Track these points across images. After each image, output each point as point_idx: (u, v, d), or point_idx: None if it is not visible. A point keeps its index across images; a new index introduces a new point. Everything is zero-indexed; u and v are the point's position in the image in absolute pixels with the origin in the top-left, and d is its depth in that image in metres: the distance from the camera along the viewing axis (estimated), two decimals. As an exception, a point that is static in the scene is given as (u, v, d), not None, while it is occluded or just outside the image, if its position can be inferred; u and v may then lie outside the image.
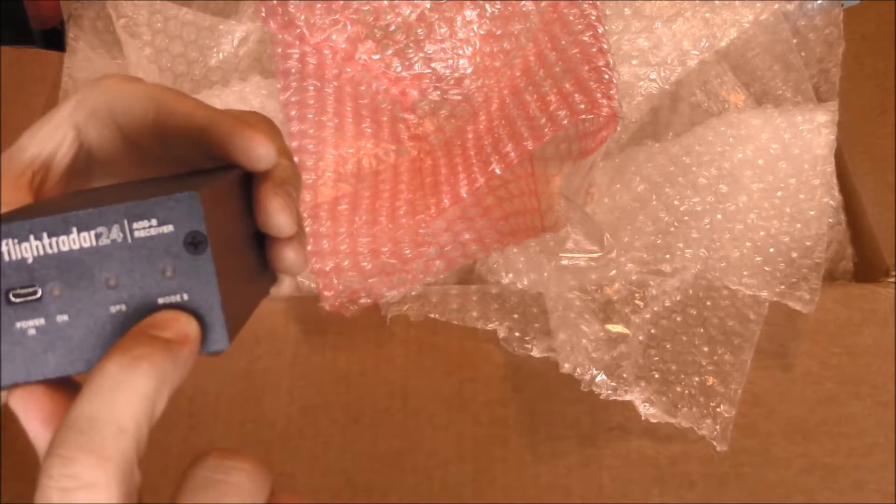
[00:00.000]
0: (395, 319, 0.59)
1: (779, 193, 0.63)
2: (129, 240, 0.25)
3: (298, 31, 0.64)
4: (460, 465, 0.55)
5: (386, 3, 0.64)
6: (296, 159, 0.61)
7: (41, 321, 0.25)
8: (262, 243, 0.33)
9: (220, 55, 0.70)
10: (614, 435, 0.55)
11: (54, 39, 0.79)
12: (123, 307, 0.26)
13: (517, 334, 0.58)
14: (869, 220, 0.65)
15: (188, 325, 0.25)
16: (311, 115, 0.64)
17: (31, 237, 0.25)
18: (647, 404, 0.54)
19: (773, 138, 0.64)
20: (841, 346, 0.59)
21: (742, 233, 0.61)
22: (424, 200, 0.61)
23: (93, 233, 0.25)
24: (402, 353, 0.58)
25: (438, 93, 0.67)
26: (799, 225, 0.62)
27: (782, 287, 0.59)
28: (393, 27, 0.65)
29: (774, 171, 0.63)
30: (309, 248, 0.60)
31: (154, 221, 0.25)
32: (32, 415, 0.27)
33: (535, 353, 0.58)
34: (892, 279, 0.62)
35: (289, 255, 0.33)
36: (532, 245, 0.60)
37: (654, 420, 0.54)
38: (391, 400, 0.57)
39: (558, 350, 0.55)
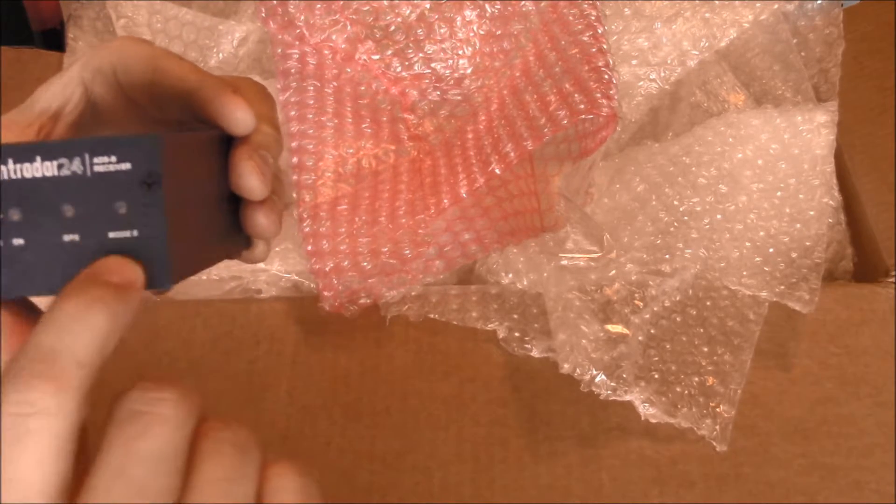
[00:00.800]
0: (394, 320, 0.59)
1: (778, 193, 0.63)
2: (89, 173, 0.26)
3: (298, 31, 0.64)
4: (460, 466, 0.55)
5: (386, 3, 0.64)
6: (295, 159, 0.62)
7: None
8: (237, 206, 0.34)
9: (220, 55, 0.70)
10: (614, 435, 0.55)
11: (54, 39, 0.79)
12: (77, 237, 0.26)
13: (517, 334, 0.58)
14: (869, 220, 0.65)
15: (134, 272, 0.26)
16: (310, 116, 0.64)
17: None
18: (646, 404, 0.54)
19: (772, 138, 0.64)
20: (840, 347, 0.59)
21: (742, 233, 0.61)
22: (424, 201, 0.61)
23: (55, 162, 0.26)
24: (402, 353, 0.58)
25: (438, 93, 0.67)
26: (798, 225, 0.62)
27: (782, 287, 0.59)
28: (393, 27, 0.65)
29: (774, 171, 0.63)
30: (309, 248, 0.60)
31: (114, 158, 0.26)
32: None
33: (535, 353, 0.58)
34: (892, 279, 0.62)
35: (259, 219, 0.34)
36: (532, 245, 0.60)
37: (653, 420, 0.54)
38: (391, 400, 0.57)
39: (558, 350, 0.55)
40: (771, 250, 0.61)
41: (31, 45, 0.77)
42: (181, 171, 0.28)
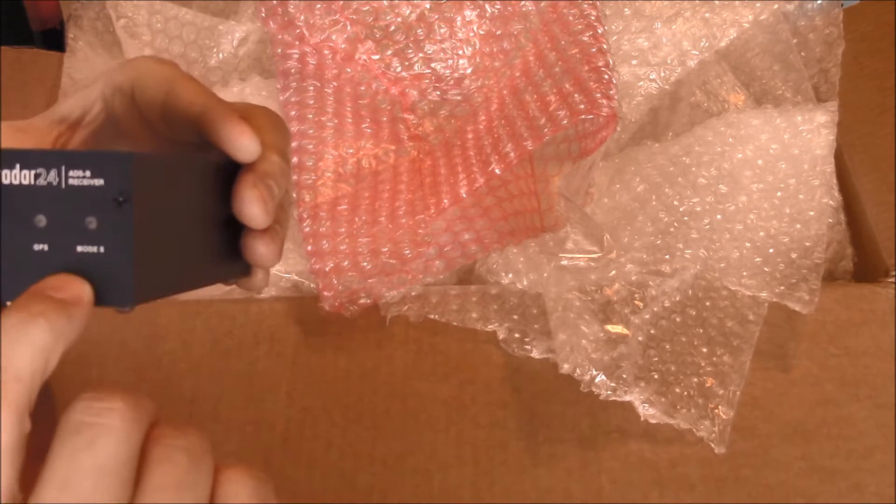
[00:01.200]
0: (394, 320, 0.59)
1: (778, 194, 0.63)
2: (63, 185, 0.26)
3: (298, 31, 0.64)
4: (460, 468, 0.55)
5: (386, 3, 0.64)
6: (295, 159, 0.62)
7: None
8: (238, 231, 0.34)
9: (220, 55, 0.70)
10: (613, 437, 0.55)
11: (54, 40, 0.79)
12: (46, 247, 0.27)
13: (517, 335, 0.58)
14: (869, 220, 0.65)
15: (81, 288, 0.26)
16: (310, 116, 0.64)
17: None
18: (646, 405, 0.54)
19: (772, 138, 0.64)
20: (840, 347, 0.59)
21: (742, 233, 0.61)
22: (424, 201, 0.61)
23: (32, 172, 0.26)
24: (402, 354, 0.58)
25: (438, 93, 0.67)
26: (798, 225, 0.62)
27: (782, 288, 0.59)
28: (393, 27, 0.65)
29: (774, 171, 0.63)
30: (309, 248, 0.60)
31: (88, 172, 0.26)
32: None
33: (535, 354, 0.58)
34: (892, 279, 0.62)
35: (259, 248, 0.34)
36: (532, 245, 0.60)
37: (652, 421, 0.54)
38: (391, 401, 0.57)
39: (558, 351, 0.55)
40: (771, 250, 0.61)
41: (31, 45, 0.77)
42: (159, 192, 0.28)
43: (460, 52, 0.65)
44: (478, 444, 0.55)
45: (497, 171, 0.58)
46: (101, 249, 0.26)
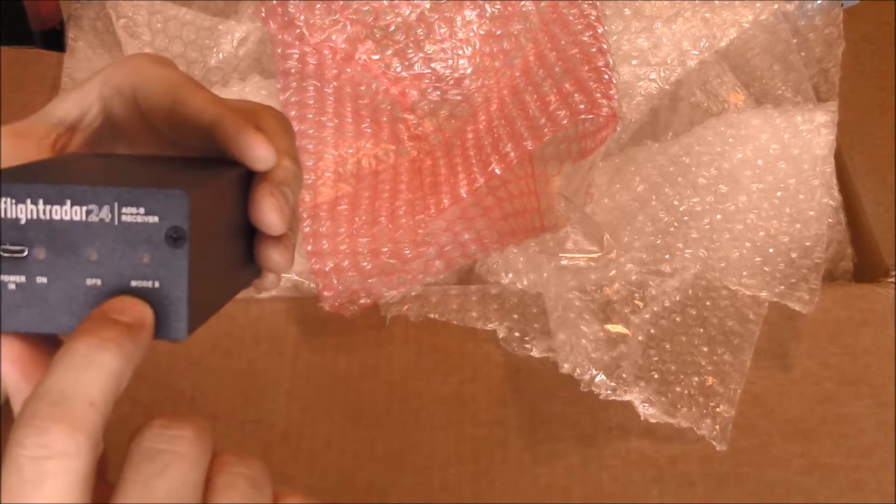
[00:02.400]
0: (394, 320, 0.59)
1: (778, 194, 0.63)
2: (116, 222, 0.27)
3: (298, 31, 0.64)
4: (460, 466, 0.55)
5: (386, 3, 0.64)
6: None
7: (21, 278, 0.27)
8: (252, 235, 0.34)
9: (220, 55, 0.70)
10: (614, 435, 0.55)
11: (54, 40, 0.79)
12: (99, 282, 0.27)
13: (517, 335, 0.58)
14: (868, 220, 0.65)
15: (144, 312, 0.27)
16: (310, 116, 0.64)
17: (28, 200, 0.26)
18: (646, 404, 0.54)
19: (772, 138, 0.64)
20: (840, 347, 0.59)
21: (741, 233, 0.61)
22: (424, 201, 0.61)
23: (84, 208, 0.26)
24: (402, 353, 0.58)
25: (438, 93, 0.67)
26: (798, 225, 0.62)
27: (782, 287, 0.59)
28: (393, 27, 0.65)
29: (774, 171, 0.63)
30: (309, 248, 0.60)
31: (142, 210, 0.26)
32: (10, 362, 0.28)
33: (535, 353, 0.58)
34: (892, 279, 0.62)
35: (274, 255, 0.34)
36: (532, 245, 0.60)
37: (653, 420, 0.54)
38: (391, 400, 0.57)
39: (558, 350, 0.55)
40: (771, 250, 0.61)
41: (31, 45, 0.77)
42: (205, 221, 0.28)
43: (460, 52, 0.65)
44: (478, 443, 0.55)
45: (497, 171, 0.58)
46: (156, 284, 0.27)
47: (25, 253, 0.27)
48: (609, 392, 0.54)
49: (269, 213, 0.32)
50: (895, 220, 0.63)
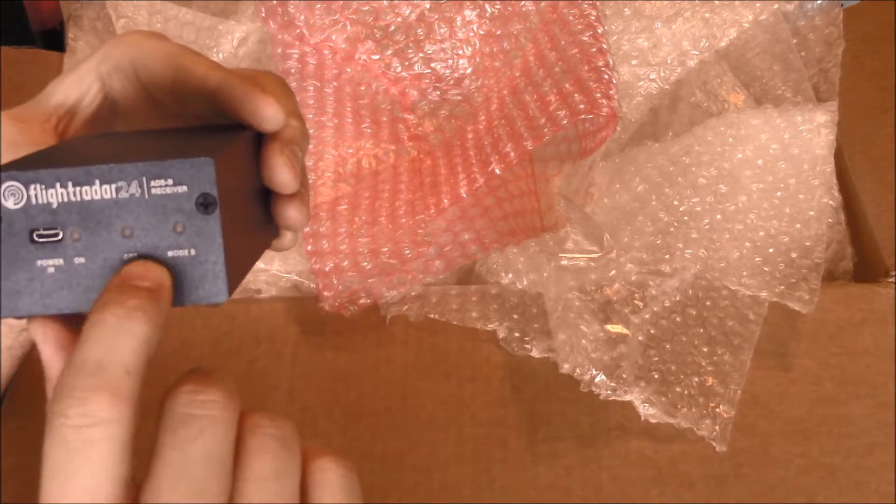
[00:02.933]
0: (394, 320, 0.59)
1: (778, 194, 0.63)
2: (147, 195, 0.27)
3: (298, 31, 0.64)
4: (459, 466, 0.55)
5: (386, 3, 0.64)
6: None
7: (60, 261, 0.28)
8: (267, 197, 0.35)
9: (220, 55, 0.70)
10: (614, 435, 0.55)
11: (54, 40, 0.79)
12: (136, 255, 0.28)
13: (517, 335, 0.58)
14: (868, 220, 0.65)
15: (162, 275, 0.27)
16: (310, 116, 0.64)
17: (58, 185, 0.27)
18: (646, 405, 0.54)
19: (772, 138, 0.64)
20: (840, 347, 0.59)
21: (742, 233, 0.61)
22: (424, 200, 0.61)
23: (114, 186, 0.27)
24: (402, 353, 0.58)
25: (438, 93, 0.67)
26: (798, 225, 0.62)
27: (782, 287, 0.59)
28: (393, 27, 0.65)
29: (774, 171, 0.63)
30: (309, 248, 0.61)
31: (170, 181, 0.27)
32: (49, 341, 0.29)
33: (535, 353, 0.58)
34: (892, 279, 0.62)
35: (290, 212, 0.35)
36: (532, 245, 0.60)
37: (653, 420, 0.54)
38: (391, 400, 0.57)
39: (558, 350, 0.55)
40: (771, 250, 0.61)
41: (31, 45, 0.77)
42: (230, 185, 0.29)
43: (460, 52, 0.65)
44: (478, 443, 0.55)
45: (497, 171, 0.58)
46: (192, 252, 0.28)
47: (60, 236, 0.27)
48: (609, 392, 0.54)
49: (282, 172, 0.33)
50: (895, 220, 0.63)
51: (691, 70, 0.67)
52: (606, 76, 0.57)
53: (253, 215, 0.33)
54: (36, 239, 0.27)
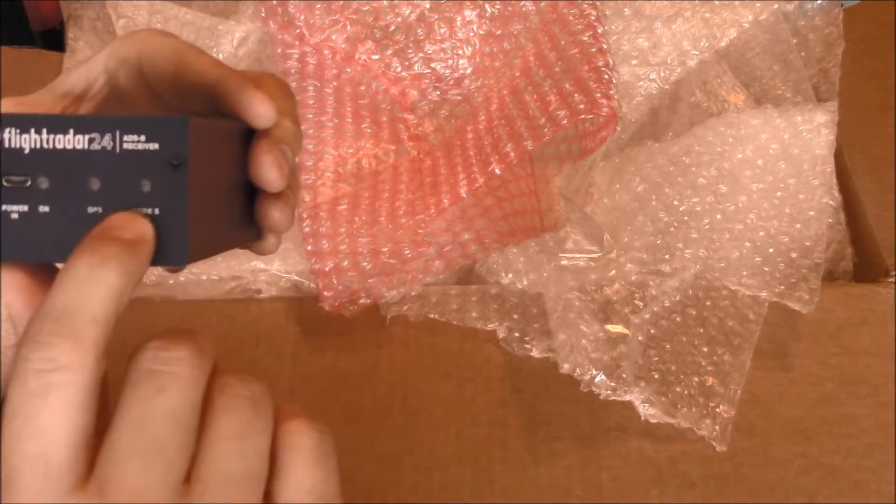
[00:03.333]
0: (394, 320, 0.59)
1: (778, 194, 0.63)
2: (118, 150, 0.27)
3: (298, 31, 0.64)
4: (459, 466, 0.55)
5: (386, 3, 0.64)
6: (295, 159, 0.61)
7: (24, 208, 0.28)
8: (252, 196, 0.35)
9: (220, 55, 0.70)
10: (614, 435, 0.55)
11: (54, 40, 0.79)
12: (100, 209, 0.28)
13: (517, 335, 0.58)
14: (868, 220, 0.65)
15: (144, 227, 0.27)
16: (310, 116, 0.64)
17: (32, 130, 0.27)
18: (646, 404, 0.54)
19: (772, 138, 0.64)
20: (840, 347, 0.59)
21: (742, 233, 0.61)
22: (424, 200, 0.61)
23: (87, 136, 0.27)
24: (402, 353, 0.58)
25: (438, 93, 0.67)
26: (798, 225, 0.62)
27: (782, 287, 0.59)
28: (393, 27, 0.65)
29: (774, 171, 0.63)
30: (309, 248, 0.60)
31: (143, 137, 0.27)
32: (14, 291, 0.29)
33: (535, 353, 0.58)
34: (892, 279, 0.62)
35: (274, 213, 0.35)
36: (532, 245, 0.60)
37: (653, 420, 0.54)
38: (391, 400, 0.57)
39: (558, 350, 0.55)
40: (771, 250, 0.61)
41: (31, 45, 0.77)
42: (205, 156, 0.29)
43: (460, 52, 0.65)
44: (478, 443, 0.55)
45: (497, 171, 0.58)
46: (156, 211, 0.27)
47: (28, 183, 0.27)
48: (609, 392, 0.54)
49: (268, 169, 0.33)
50: (895, 220, 0.63)
51: (691, 70, 0.67)
52: (606, 76, 0.57)
53: (233, 205, 0.33)
54: (3, 184, 0.27)
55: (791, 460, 0.55)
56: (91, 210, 0.27)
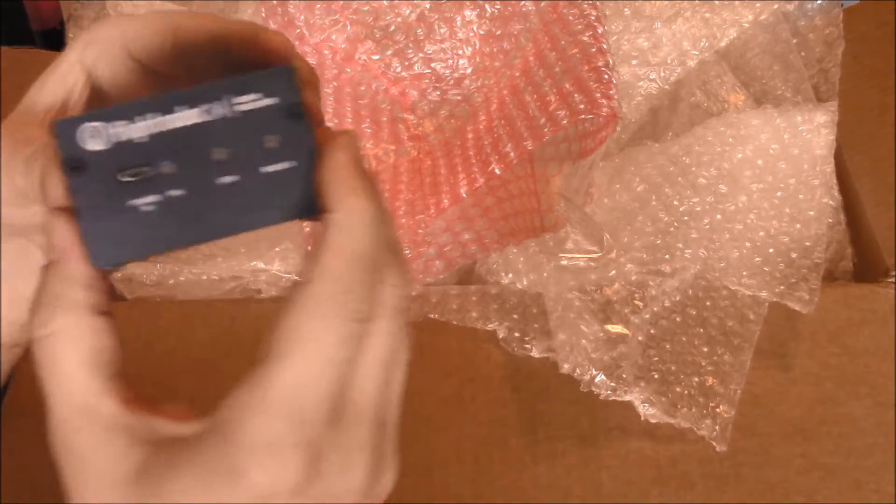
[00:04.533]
0: (394, 320, 0.59)
1: (778, 194, 0.63)
2: (233, 114, 0.27)
3: (298, 31, 0.64)
4: (459, 466, 0.55)
5: (386, 3, 0.64)
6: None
7: (158, 197, 0.27)
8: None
9: (220, 55, 0.70)
10: (614, 435, 0.55)
11: (54, 40, 0.79)
12: (234, 178, 0.27)
13: (517, 334, 0.58)
14: (868, 220, 0.65)
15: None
16: (310, 116, 0.64)
17: (138, 118, 0.26)
18: (646, 405, 0.54)
19: (772, 138, 0.64)
20: (840, 347, 0.59)
21: (741, 233, 0.61)
22: (424, 200, 0.61)
23: (198, 109, 0.27)
24: (402, 353, 0.58)
25: (438, 93, 0.67)
26: (798, 225, 0.62)
27: (782, 287, 0.59)
28: (393, 27, 0.65)
29: (774, 171, 0.63)
30: (309, 248, 0.60)
31: (257, 95, 0.27)
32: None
33: (535, 353, 0.58)
34: (892, 279, 0.62)
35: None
36: (531, 245, 0.60)
37: (653, 420, 0.54)
38: (391, 400, 0.57)
39: (558, 350, 0.55)
40: (771, 250, 0.61)
41: (31, 45, 0.77)
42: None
43: (460, 52, 0.65)
44: (478, 442, 0.55)
45: (497, 171, 0.58)
46: (290, 164, 0.27)
47: (152, 171, 0.26)
48: (609, 392, 0.54)
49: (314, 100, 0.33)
50: (895, 220, 0.63)
51: (691, 70, 0.67)
52: (606, 76, 0.57)
53: None
54: (127, 179, 0.26)
55: (791, 460, 0.55)
56: (223, 181, 0.27)
